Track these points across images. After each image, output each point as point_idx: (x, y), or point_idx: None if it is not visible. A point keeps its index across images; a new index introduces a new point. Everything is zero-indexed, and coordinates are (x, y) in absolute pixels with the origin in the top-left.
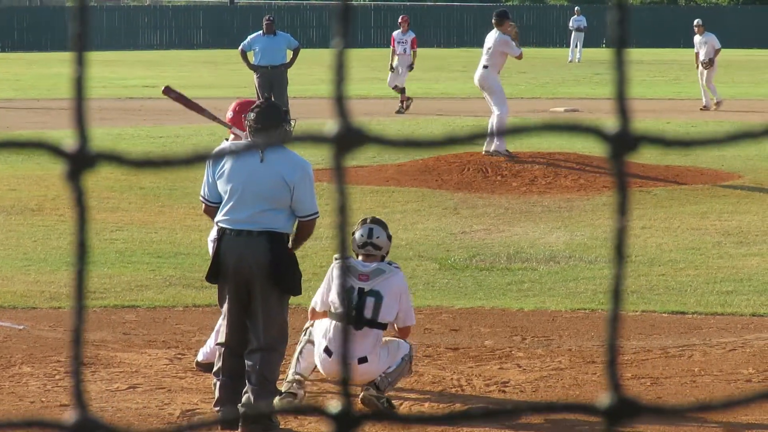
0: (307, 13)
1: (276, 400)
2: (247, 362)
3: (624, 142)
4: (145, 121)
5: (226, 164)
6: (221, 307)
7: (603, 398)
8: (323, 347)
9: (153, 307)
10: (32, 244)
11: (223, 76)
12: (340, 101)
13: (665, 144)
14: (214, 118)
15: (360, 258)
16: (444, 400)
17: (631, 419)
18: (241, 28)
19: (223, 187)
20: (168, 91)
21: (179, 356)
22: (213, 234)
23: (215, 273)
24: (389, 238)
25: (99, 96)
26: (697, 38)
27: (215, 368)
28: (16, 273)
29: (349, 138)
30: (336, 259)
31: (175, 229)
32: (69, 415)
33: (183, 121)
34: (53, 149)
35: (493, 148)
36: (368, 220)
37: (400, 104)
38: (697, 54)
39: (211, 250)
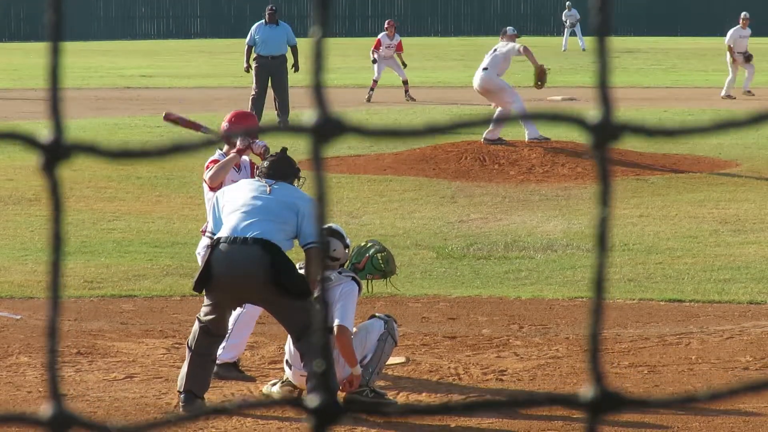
0: (304, 2)
1: (277, 387)
2: (301, 356)
3: (606, 131)
4: (143, 111)
5: (235, 194)
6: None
7: (586, 391)
8: (285, 360)
9: (150, 296)
10: (29, 234)
11: (221, 66)
12: (318, 90)
13: (647, 133)
14: (209, 133)
15: None
16: (441, 389)
17: (615, 412)
18: (239, 18)
19: (226, 211)
20: (168, 117)
21: (176, 345)
22: (201, 245)
23: (204, 282)
24: (347, 247)
25: (96, 85)
26: (739, 30)
27: (190, 339)
28: (13, 263)
29: (328, 128)
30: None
31: (172, 218)
32: (44, 409)
33: (180, 111)
34: (28, 140)
35: (527, 137)
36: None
37: (405, 93)
38: (730, 47)
39: (200, 261)
